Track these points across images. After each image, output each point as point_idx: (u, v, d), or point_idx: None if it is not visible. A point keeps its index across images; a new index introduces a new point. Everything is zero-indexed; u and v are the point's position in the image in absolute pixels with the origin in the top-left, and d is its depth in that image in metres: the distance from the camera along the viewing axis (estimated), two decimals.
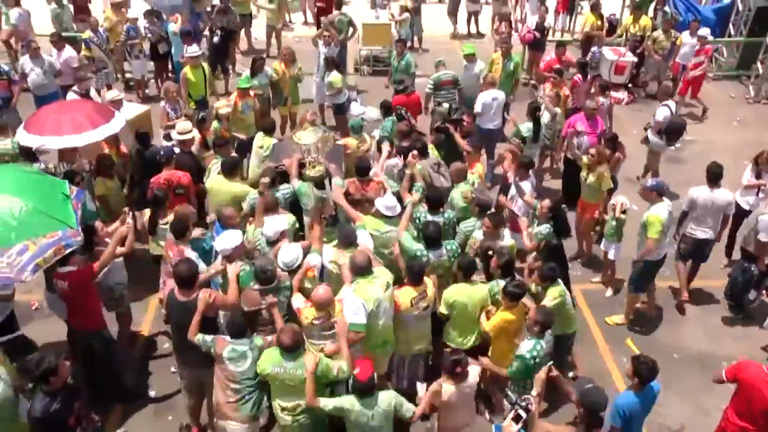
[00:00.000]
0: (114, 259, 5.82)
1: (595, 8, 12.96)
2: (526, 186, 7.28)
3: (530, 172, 7.48)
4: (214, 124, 8.49)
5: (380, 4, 13.99)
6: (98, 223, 6.25)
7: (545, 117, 9.00)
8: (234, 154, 7.76)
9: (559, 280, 6.00)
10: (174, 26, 11.37)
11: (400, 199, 6.52)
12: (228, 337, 4.99)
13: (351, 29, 11.86)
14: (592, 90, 9.92)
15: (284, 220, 6.13)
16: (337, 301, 5.30)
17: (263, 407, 5.18)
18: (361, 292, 5.29)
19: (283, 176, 6.96)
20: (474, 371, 5.10)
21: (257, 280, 5.41)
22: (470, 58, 10.02)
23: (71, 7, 12.84)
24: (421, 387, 5.77)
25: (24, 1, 12.41)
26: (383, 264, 5.81)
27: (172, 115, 8.68)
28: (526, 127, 8.82)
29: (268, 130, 8.12)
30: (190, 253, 5.81)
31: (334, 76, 9.89)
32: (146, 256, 7.04)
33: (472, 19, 15.59)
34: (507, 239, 6.38)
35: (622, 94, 12.36)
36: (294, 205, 6.74)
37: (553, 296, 5.86)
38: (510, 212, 7.30)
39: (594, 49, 12.24)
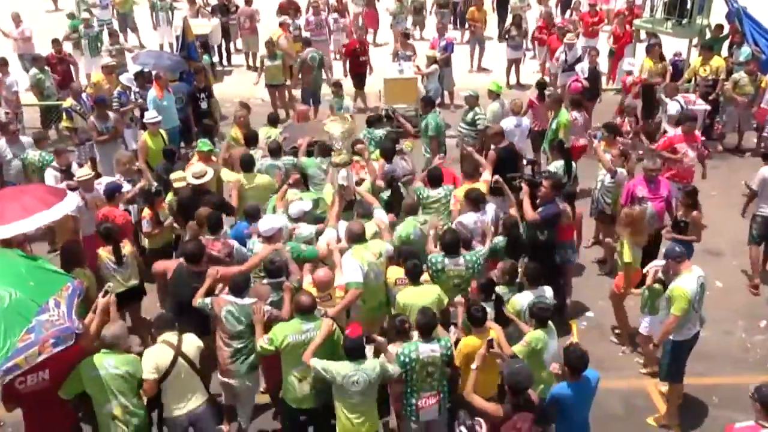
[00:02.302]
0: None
1: (652, 52, 13.05)
2: (470, 218, 7.81)
3: (481, 205, 7.95)
4: (169, 196, 8.80)
5: (404, 56, 14.21)
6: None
7: (607, 178, 9.06)
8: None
9: (551, 328, 6.27)
10: (154, 92, 11.54)
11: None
12: (227, 296, 6.30)
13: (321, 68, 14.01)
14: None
15: (309, 203, 7.90)
16: (338, 288, 6.66)
17: (257, 365, 6.47)
18: (357, 255, 6.77)
19: (294, 153, 9.56)
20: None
21: (266, 272, 6.68)
22: (492, 95, 11.30)
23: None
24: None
25: None
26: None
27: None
28: (554, 166, 9.20)
29: (272, 122, 10.67)
30: (233, 243, 7.44)
31: None
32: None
33: (513, 67, 15.97)
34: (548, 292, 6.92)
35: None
36: None
37: (527, 340, 6.13)
38: None
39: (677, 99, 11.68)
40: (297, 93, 14.38)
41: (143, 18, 18.60)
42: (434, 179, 8.44)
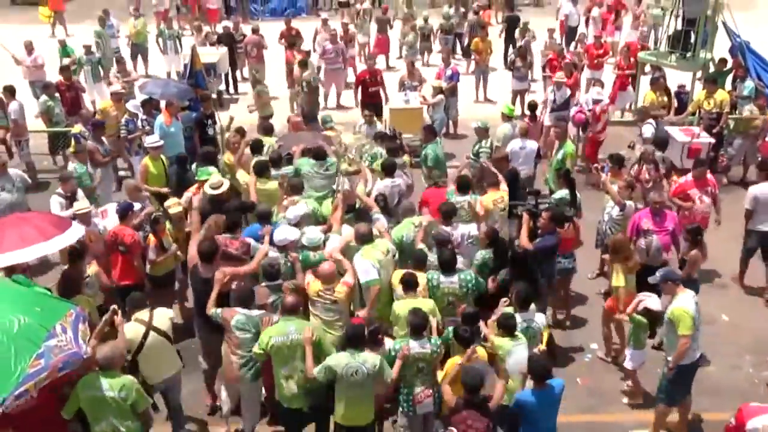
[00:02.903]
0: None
1: (656, 84, 13.24)
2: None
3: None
4: (167, 226, 8.75)
5: (410, 86, 14.36)
6: None
7: (614, 211, 9.09)
8: None
9: (519, 339, 6.51)
10: (162, 118, 11.51)
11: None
12: (236, 308, 6.70)
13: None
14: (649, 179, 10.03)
15: (303, 206, 8.39)
16: (343, 283, 7.07)
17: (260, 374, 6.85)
18: (367, 255, 7.43)
19: (288, 160, 9.94)
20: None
21: (264, 275, 7.22)
22: (504, 117, 11.70)
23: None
24: None
25: None
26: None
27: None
28: (559, 194, 9.35)
29: (267, 131, 11.21)
30: (250, 240, 7.87)
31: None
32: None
33: (518, 98, 16.03)
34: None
35: None
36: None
37: (497, 346, 6.42)
38: None
39: (650, 122, 12.04)
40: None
41: (152, 46, 18.79)
42: (462, 186, 8.96)
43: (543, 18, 20.51)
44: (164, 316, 6.80)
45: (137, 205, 8.96)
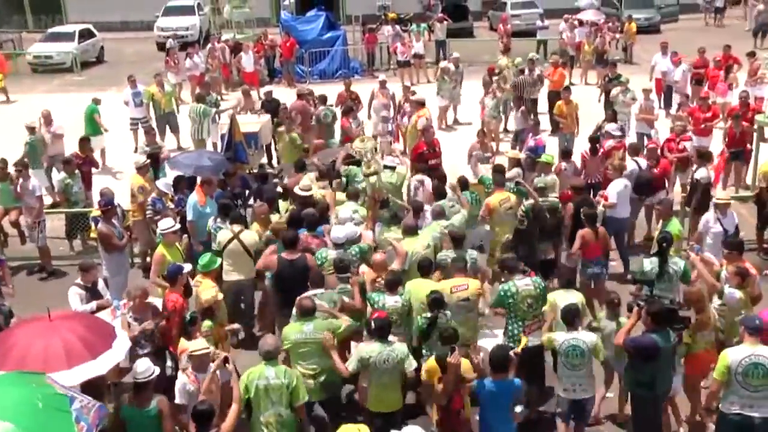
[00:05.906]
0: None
1: None
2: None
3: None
4: (206, 323, 8.48)
5: (481, 158, 13.82)
6: None
7: (716, 300, 8.86)
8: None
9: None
10: (196, 197, 11.37)
11: None
12: (310, 291, 8.37)
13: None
14: None
15: (353, 206, 10.73)
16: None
17: None
18: (405, 246, 9.39)
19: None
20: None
21: (335, 269, 8.93)
22: (545, 167, 12.28)
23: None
24: None
25: None
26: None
27: (134, 326, 8.41)
28: (648, 263, 9.37)
29: (300, 168, 12.94)
30: (327, 239, 9.80)
31: None
32: None
33: None
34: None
35: None
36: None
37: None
38: None
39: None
40: None
41: (183, 117, 18.54)
42: (463, 185, 11.38)
43: (636, 76, 19.95)
44: (251, 237, 9.90)
45: (187, 267, 9.24)
